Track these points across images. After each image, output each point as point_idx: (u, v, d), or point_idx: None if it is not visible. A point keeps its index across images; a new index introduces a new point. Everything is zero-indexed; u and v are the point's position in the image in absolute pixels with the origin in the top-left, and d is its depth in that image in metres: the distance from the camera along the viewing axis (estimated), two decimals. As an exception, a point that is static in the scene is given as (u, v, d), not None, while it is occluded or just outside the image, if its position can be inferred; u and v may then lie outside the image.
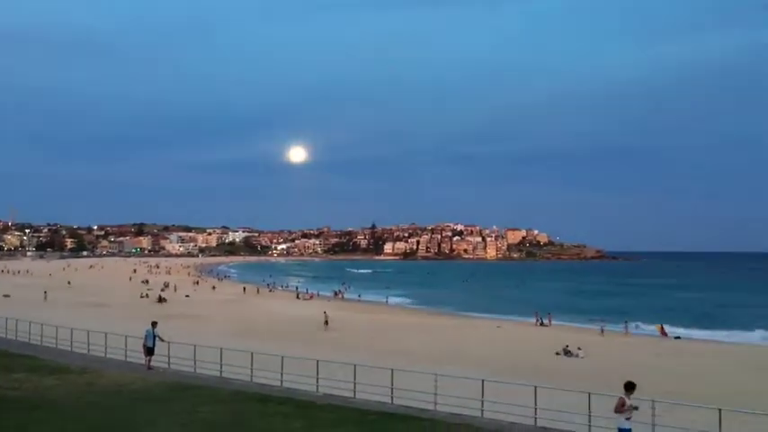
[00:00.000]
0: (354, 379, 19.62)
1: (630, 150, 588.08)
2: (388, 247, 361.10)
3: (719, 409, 14.43)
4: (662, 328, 53.45)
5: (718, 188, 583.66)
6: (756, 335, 53.39)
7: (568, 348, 38.26)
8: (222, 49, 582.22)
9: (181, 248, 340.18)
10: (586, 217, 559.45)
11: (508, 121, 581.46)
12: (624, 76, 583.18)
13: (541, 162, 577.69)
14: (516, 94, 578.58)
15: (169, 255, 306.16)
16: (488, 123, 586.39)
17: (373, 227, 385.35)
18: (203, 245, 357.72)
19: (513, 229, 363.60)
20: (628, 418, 12.47)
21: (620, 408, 12.69)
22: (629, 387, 13.19)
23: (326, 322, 48.22)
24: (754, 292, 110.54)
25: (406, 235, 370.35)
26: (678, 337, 50.81)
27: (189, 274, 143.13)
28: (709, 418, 14.98)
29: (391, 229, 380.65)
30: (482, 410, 17.09)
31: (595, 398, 16.32)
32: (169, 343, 24.26)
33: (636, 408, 12.77)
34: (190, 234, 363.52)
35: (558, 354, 37.81)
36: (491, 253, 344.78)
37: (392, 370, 19.19)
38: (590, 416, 15.96)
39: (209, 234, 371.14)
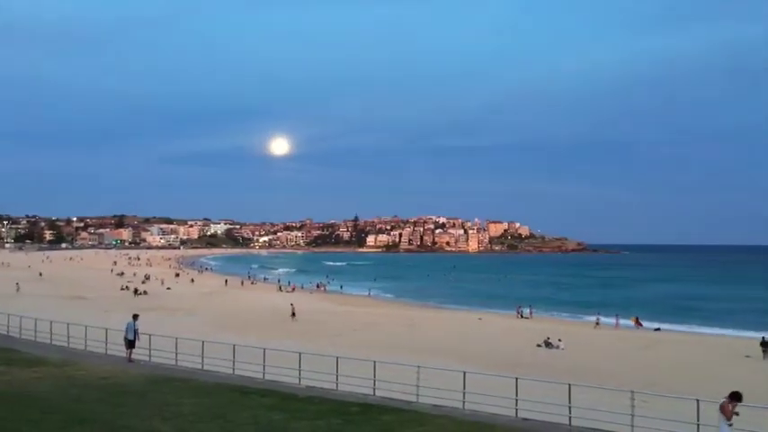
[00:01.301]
0: (336, 371, 19.63)
1: (611, 144, 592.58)
2: (370, 240, 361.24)
3: (697, 400, 14.62)
4: (637, 319, 54.06)
5: (699, 181, 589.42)
6: (734, 326, 54.07)
7: (549, 340, 38.54)
8: (206, 40, 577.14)
9: (162, 241, 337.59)
10: (568, 210, 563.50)
11: (491, 113, 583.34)
12: (607, 69, 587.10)
13: (523, 155, 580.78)
14: (499, 87, 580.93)
15: (150, 247, 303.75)
16: (471, 116, 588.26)
17: (356, 219, 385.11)
18: (185, 237, 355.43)
19: (495, 222, 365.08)
20: (730, 425, 12.03)
21: (727, 413, 12.12)
22: (736, 397, 12.48)
23: (293, 314, 48.14)
24: (732, 284, 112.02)
25: (389, 227, 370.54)
26: (658, 329, 51.43)
27: (170, 266, 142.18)
28: (687, 409, 15.16)
29: (374, 222, 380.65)
30: (463, 402, 17.17)
31: (575, 389, 16.48)
32: (150, 335, 24.10)
33: (737, 413, 12.26)
34: (171, 226, 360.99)
35: (539, 345, 38.07)
36: (473, 246, 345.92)
37: (374, 362, 19.22)
38: (570, 407, 16.11)
39: (191, 226, 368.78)
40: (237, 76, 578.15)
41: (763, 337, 38.28)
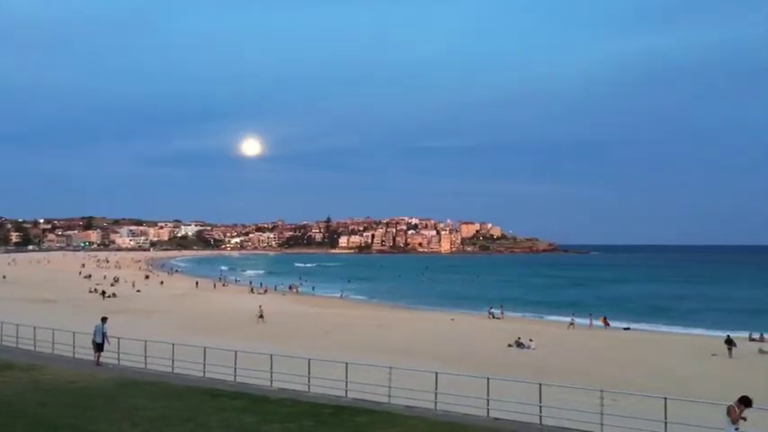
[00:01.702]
0: (308, 373, 19.58)
1: (582, 145, 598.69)
2: (343, 241, 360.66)
3: (665, 399, 14.87)
4: (605, 319, 54.76)
5: (671, 182, 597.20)
6: (701, 326, 54.96)
7: (520, 340, 38.87)
8: (178, 40, 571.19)
9: (131, 242, 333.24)
10: (539, 211, 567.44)
11: (463, 115, 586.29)
12: (577, 71, 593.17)
13: (495, 156, 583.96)
14: (471, 89, 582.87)
15: (119, 249, 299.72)
16: (443, 117, 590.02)
17: (328, 220, 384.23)
18: (155, 239, 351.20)
19: (467, 223, 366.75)
20: (736, 429, 11.85)
21: (734, 416, 11.95)
22: (745, 402, 12.26)
23: (261, 316, 47.92)
24: (701, 284, 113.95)
25: (361, 228, 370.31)
26: (627, 329, 52.14)
27: (140, 268, 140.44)
28: (655, 407, 15.40)
29: (346, 223, 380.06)
30: (436, 402, 17.24)
31: (546, 388, 16.64)
32: (119, 338, 23.79)
33: (744, 419, 12.08)
34: (141, 228, 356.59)
35: (510, 345, 38.37)
36: (445, 246, 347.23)
37: (346, 364, 19.21)
38: (540, 406, 16.27)
39: (161, 228, 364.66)
40: (209, 76, 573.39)
41: (728, 336, 39.17)
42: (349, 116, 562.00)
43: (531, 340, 38.70)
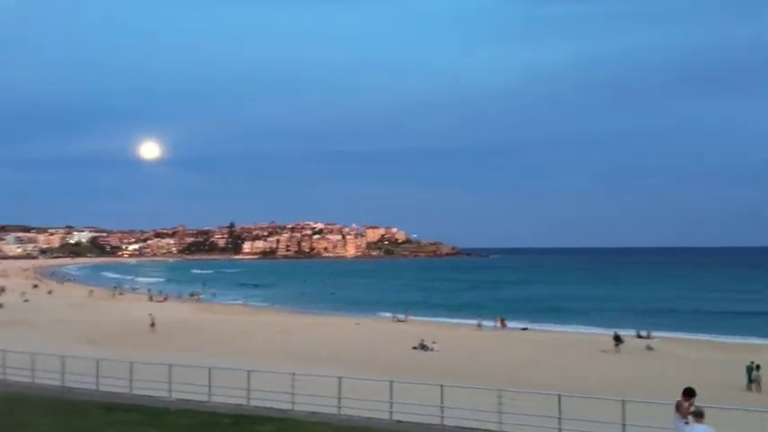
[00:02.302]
0: (209, 382, 19.13)
1: (483, 151, 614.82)
2: (247, 247, 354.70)
3: (559, 395, 15.53)
4: (502, 320, 56.59)
5: (566, 186, 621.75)
6: (593, 324, 57.53)
7: (424, 343, 39.49)
8: (68, 37, 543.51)
9: (19, 250, 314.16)
10: (442, 215, 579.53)
11: (365, 120, 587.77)
12: (480, 80, 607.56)
13: (398, 161, 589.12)
14: (373, 95, 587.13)
15: (6, 257, 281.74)
16: (345, 122, 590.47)
17: (231, 226, 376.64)
18: (45, 246, 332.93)
19: (373, 228, 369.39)
20: (686, 422, 11.49)
21: (683, 411, 11.65)
22: (689, 393, 12.01)
23: (152, 324, 46.50)
24: (593, 285, 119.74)
25: (266, 234, 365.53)
26: (525, 329, 54.07)
27: (28, 277, 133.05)
28: (551, 403, 16.03)
29: (250, 228, 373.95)
30: (339, 408, 17.26)
31: (447, 389, 17.00)
32: (4, 352, 22.42)
33: (695, 412, 11.64)
34: (29, 234, 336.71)
35: (414, 348, 38.91)
36: (351, 251, 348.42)
37: (248, 371, 18.90)
38: (442, 407, 16.60)
39: (52, 234, 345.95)
40: (104, 75, 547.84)
41: (615, 333, 41.85)
42: (251, 119, 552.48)
43: (434, 343, 39.39)
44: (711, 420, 11.30)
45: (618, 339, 40.27)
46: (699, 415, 11.59)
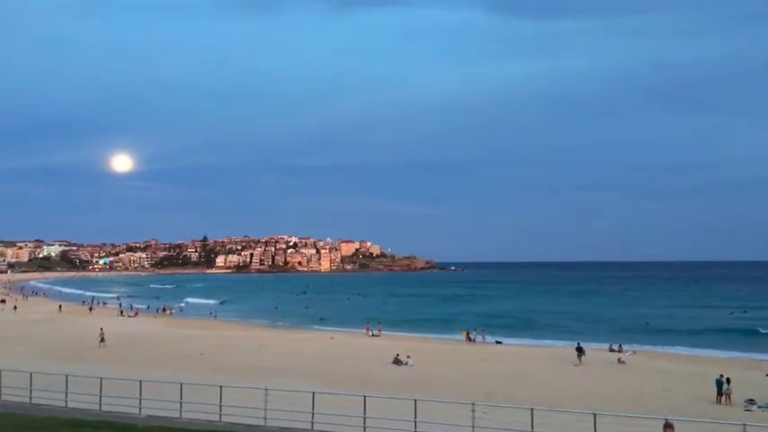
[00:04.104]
0: (180, 398, 18.90)
1: (454, 166, 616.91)
2: (220, 260, 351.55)
3: (532, 409, 15.61)
4: (467, 333, 56.93)
5: (535, 201, 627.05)
6: (559, 337, 57.90)
7: (399, 357, 39.42)
8: (38, 47, 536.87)
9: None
10: (417, 229, 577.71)
11: (341, 133, 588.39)
12: (446, 92, 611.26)
13: (374, 175, 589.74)
14: (347, 106, 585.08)
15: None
16: (318, 135, 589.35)
17: (204, 239, 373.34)
18: (13, 260, 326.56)
19: (347, 242, 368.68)
20: None
21: None
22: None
23: (102, 339, 45.81)
24: (563, 299, 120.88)
25: (239, 248, 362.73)
26: (499, 342, 54.30)
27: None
28: (523, 416, 16.11)
29: (223, 242, 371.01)
30: (312, 423, 17.16)
31: (421, 403, 17.00)
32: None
33: None
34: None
35: (393, 363, 38.83)
36: (325, 265, 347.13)
37: (221, 387, 18.75)
38: (415, 421, 16.58)
39: (20, 248, 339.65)
40: (75, 86, 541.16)
41: (578, 344, 42.92)
42: (225, 133, 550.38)
43: (408, 357, 39.34)
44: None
45: (580, 351, 41.18)
46: (669, 426, 11.83)
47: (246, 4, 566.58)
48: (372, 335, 59.11)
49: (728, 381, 28.75)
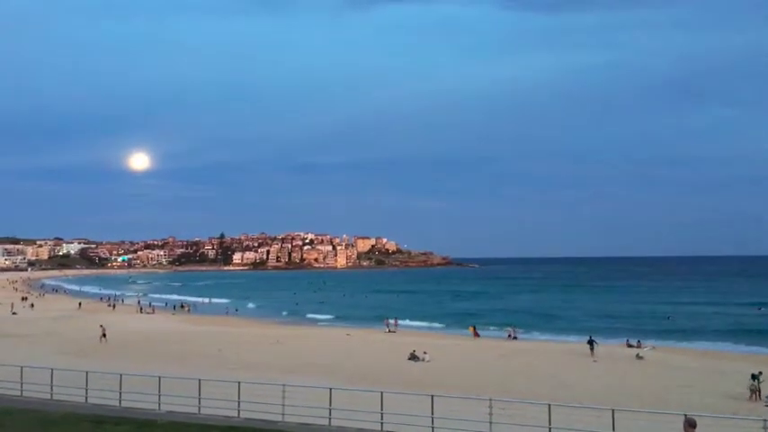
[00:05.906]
0: (199, 394, 19.03)
1: (473, 160, 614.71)
2: (237, 258, 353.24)
3: (549, 405, 15.54)
4: (474, 329, 56.88)
5: (554, 196, 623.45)
6: (575, 333, 57.56)
7: (415, 353, 39.40)
8: (58, 50, 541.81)
9: (7, 262, 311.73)
10: (433, 225, 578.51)
11: (356, 130, 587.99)
12: (463, 87, 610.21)
13: (390, 171, 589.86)
14: (366, 104, 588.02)
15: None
16: (336, 132, 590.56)
17: (222, 237, 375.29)
18: (33, 258, 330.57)
19: (363, 238, 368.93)
20: None
21: None
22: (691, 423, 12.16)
23: (104, 335, 46.18)
24: (583, 294, 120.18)
25: (256, 245, 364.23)
26: (515, 338, 54.14)
27: (16, 289, 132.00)
28: (541, 412, 16.05)
29: (240, 239, 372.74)
30: (330, 419, 17.20)
31: (438, 399, 16.98)
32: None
33: None
34: (17, 246, 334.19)
35: (410, 359, 38.83)
36: (341, 261, 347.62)
37: (239, 383, 18.83)
38: (433, 417, 16.56)
39: (40, 246, 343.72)
40: (94, 88, 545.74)
41: (590, 337, 43.52)
42: (243, 131, 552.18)
43: (425, 353, 39.31)
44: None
45: (592, 344, 41.95)
46: (692, 425, 11.68)
47: (261, 2, 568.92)
48: (389, 331, 59.16)
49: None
